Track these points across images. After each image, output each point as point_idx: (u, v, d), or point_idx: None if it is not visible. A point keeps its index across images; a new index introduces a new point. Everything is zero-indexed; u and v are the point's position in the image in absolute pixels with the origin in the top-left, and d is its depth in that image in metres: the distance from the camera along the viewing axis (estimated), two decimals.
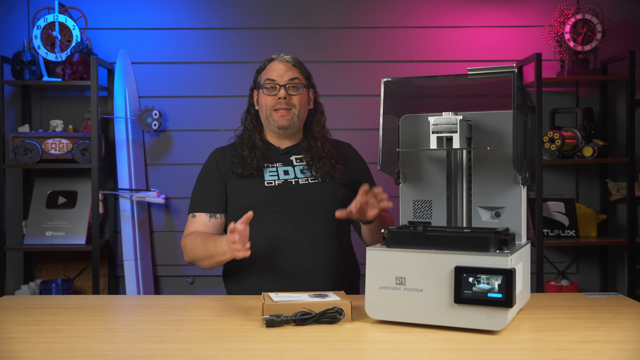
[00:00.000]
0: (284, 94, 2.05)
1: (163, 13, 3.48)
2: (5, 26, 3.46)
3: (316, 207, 2.04)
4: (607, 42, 3.34)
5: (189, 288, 3.49)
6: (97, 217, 3.20)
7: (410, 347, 1.43)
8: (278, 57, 2.11)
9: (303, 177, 2.08)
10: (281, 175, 2.08)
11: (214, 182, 2.10)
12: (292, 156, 2.12)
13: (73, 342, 1.48)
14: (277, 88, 2.06)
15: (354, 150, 2.23)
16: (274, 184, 2.05)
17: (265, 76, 2.09)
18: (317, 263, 2.00)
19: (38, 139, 3.25)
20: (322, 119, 2.16)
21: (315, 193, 2.05)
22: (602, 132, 3.45)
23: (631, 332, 1.54)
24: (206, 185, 2.11)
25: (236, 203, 2.07)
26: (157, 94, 3.47)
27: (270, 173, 2.07)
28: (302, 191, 2.05)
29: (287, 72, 2.07)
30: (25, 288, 3.29)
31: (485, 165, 1.72)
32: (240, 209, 2.03)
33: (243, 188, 2.06)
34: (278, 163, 2.10)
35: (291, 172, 2.09)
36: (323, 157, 2.09)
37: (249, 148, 2.08)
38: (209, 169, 2.14)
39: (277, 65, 2.09)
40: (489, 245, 1.51)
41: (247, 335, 1.51)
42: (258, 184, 2.05)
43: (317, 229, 2.02)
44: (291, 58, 2.11)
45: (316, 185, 2.07)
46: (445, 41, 3.49)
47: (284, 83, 2.06)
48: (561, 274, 3.51)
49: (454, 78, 1.76)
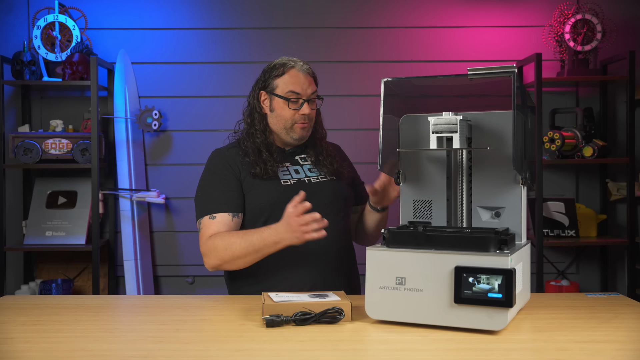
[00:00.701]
0: (308, 110, 2.04)
1: (163, 13, 3.48)
2: (5, 26, 3.46)
3: (331, 204, 2.07)
4: (607, 42, 3.34)
5: (189, 288, 3.49)
6: (97, 217, 3.20)
7: (410, 347, 1.43)
8: (296, 64, 2.06)
9: (313, 175, 2.10)
10: (293, 174, 2.09)
11: (230, 181, 2.03)
12: (297, 156, 2.14)
13: (73, 342, 1.48)
14: (300, 102, 2.04)
15: (342, 151, 2.28)
16: (290, 183, 2.06)
17: (288, 87, 2.03)
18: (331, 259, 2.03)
19: (38, 139, 3.25)
20: (319, 119, 2.17)
21: (329, 191, 2.09)
22: (602, 132, 3.45)
23: (631, 332, 1.54)
24: (222, 184, 2.03)
25: (255, 201, 2.02)
26: (157, 94, 3.47)
27: (283, 173, 2.07)
28: (318, 189, 2.07)
29: (310, 86, 2.05)
30: (25, 288, 3.29)
31: (485, 165, 1.72)
32: (259, 209, 2.02)
33: (259, 188, 2.03)
34: (286, 163, 2.10)
35: (301, 171, 2.11)
36: (328, 156, 2.12)
37: (266, 148, 2.05)
38: (220, 168, 2.06)
39: (300, 77, 2.04)
40: (489, 245, 1.51)
41: (247, 335, 1.51)
42: (275, 183, 2.04)
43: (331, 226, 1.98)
44: (308, 68, 2.08)
45: (327, 183, 2.10)
46: (445, 41, 3.49)
47: (307, 97, 2.05)
48: (561, 274, 3.51)
49: (454, 78, 1.76)
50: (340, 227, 2.08)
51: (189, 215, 3.40)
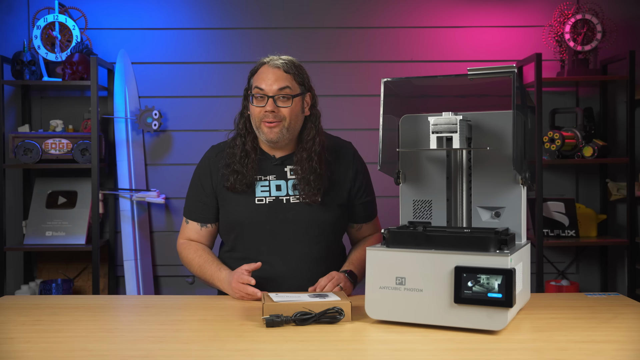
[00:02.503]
0: (272, 107, 1.92)
1: (163, 13, 3.48)
2: (5, 26, 3.46)
3: (306, 228, 1.98)
4: (607, 42, 3.34)
5: (189, 288, 3.49)
6: (97, 217, 3.20)
7: (410, 347, 1.43)
8: (270, 61, 1.97)
9: (294, 194, 1.99)
10: (273, 191, 1.99)
11: (205, 191, 2.05)
12: (287, 167, 2.02)
13: (73, 342, 1.48)
14: (265, 99, 1.93)
15: (353, 154, 2.10)
16: (265, 202, 1.99)
17: (255, 83, 1.96)
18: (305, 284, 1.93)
19: (38, 139, 3.25)
20: (313, 129, 2.01)
21: (306, 214, 1.98)
22: (602, 132, 3.45)
23: (631, 332, 1.54)
24: (197, 192, 2.07)
25: (226, 217, 2.04)
26: (157, 94, 3.47)
27: (262, 188, 2.00)
28: (293, 211, 1.98)
29: (276, 82, 1.93)
30: (25, 288, 3.29)
31: (485, 165, 1.72)
32: (229, 224, 2.04)
33: (233, 203, 2.01)
34: (271, 175, 2.01)
35: (283, 187, 2.00)
36: (311, 180, 1.96)
37: (240, 159, 1.98)
38: (202, 174, 2.07)
39: (267, 73, 1.95)
40: (489, 245, 1.51)
41: (247, 335, 1.51)
42: (248, 200, 1.99)
43: (304, 251, 1.99)
44: (283, 64, 1.95)
45: (306, 205, 1.98)
46: (445, 41, 3.49)
47: (273, 94, 1.93)
48: (561, 274, 3.51)
49: (454, 78, 1.76)
50: (315, 251, 2.00)
51: None
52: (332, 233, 2.05)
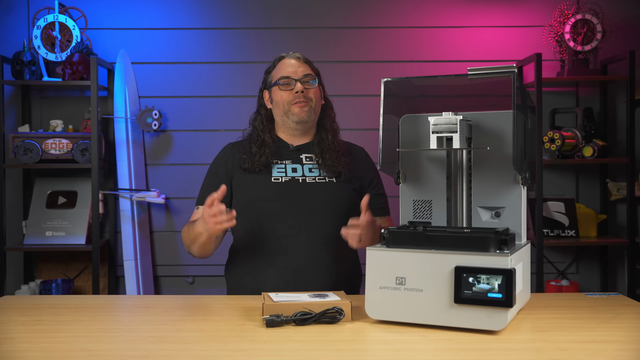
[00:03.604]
0: (301, 87, 2.07)
1: (163, 13, 3.48)
2: (5, 26, 3.46)
3: (320, 207, 2.04)
4: (607, 42, 3.34)
5: (189, 288, 3.49)
6: (97, 217, 3.20)
7: (410, 347, 1.43)
8: (287, 55, 2.14)
9: (311, 175, 2.08)
10: (289, 172, 2.08)
11: (218, 176, 2.12)
12: (303, 154, 2.12)
13: (73, 342, 1.48)
14: (293, 83, 2.08)
15: (365, 155, 2.21)
16: (281, 180, 2.06)
17: (279, 74, 2.10)
18: (316, 263, 2.00)
19: (38, 139, 3.25)
20: (332, 114, 2.18)
21: (321, 193, 2.05)
22: (602, 132, 3.45)
23: (631, 332, 1.54)
24: (210, 180, 2.13)
25: (241, 197, 2.07)
26: (157, 94, 3.47)
27: (278, 169, 2.08)
28: (308, 190, 2.05)
29: (300, 68, 2.10)
30: (25, 288, 3.29)
31: (485, 165, 1.72)
32: (244, 203, 2.06)
33: (249, 182, 2.07)
34: (287, 160, 2.10)
35: (299, 169, 2.09)
36: (331, 149, 2.09)
37: (258, 145, 2.09)
38: (215, 164, 2.16)
39: (289, 62, 2.12)
40: (489, 245, 1.51)
41: (247, 335, 1.51)
42: (265, 178, 2.06)
43: (319, 229, 2.02)
44: (301, 55, 2.14)
45: (323, 185, 2.06)
46: (445, 41, 3.49)
47: (299, 77, 2.08)
48: (561, 274, 3.51)
49: (454, 78, 1.76)
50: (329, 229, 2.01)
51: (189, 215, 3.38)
52: (346, 214, 2.02)
